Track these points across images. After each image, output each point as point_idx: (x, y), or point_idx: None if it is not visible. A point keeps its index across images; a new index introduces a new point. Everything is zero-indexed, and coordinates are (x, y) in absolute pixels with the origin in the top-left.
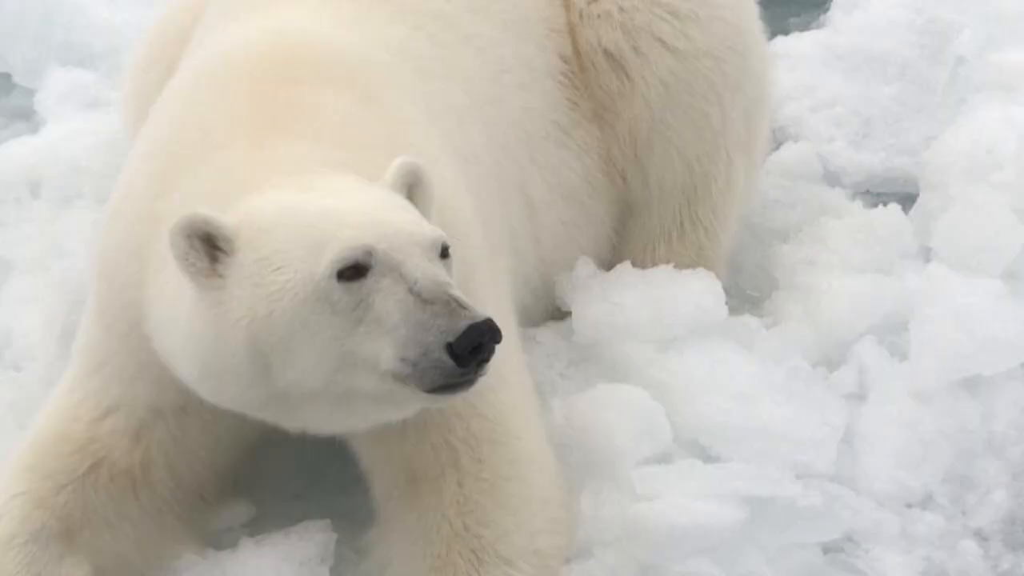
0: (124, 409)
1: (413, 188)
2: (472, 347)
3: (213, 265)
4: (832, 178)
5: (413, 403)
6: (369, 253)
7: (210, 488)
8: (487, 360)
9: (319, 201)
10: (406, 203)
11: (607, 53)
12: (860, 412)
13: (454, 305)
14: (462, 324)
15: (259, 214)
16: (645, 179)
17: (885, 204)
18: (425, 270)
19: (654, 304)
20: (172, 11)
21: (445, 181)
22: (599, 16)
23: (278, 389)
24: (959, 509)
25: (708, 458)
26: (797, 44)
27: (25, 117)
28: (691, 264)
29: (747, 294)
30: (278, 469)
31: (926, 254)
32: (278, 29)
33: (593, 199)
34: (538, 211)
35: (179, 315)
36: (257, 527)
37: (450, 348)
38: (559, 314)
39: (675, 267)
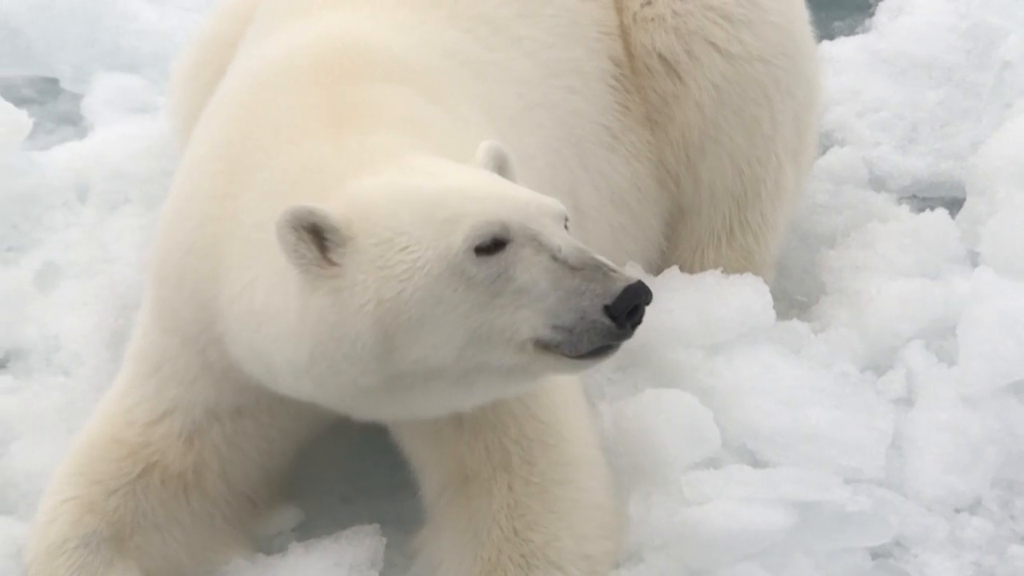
0: (180, 412)
1: (500, 171)
2: (630, 308)
3: (324, 254)
4: (878, 183)
5: (550, 371)
6: (506, 225)
7: (260, 492)
8: (640, 321)
9: (434, 181)
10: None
11: (661, 57)
12: (908, 417)
13: (605, 269)
14: (619, 286)
15: (371, 198)
16: (696, 183)
17: (932, 209)
18: (564, 238)
19: (702, 309)
20: (219, 17)
21: None
22: (652, 19)
23: (396, 371)
24: (1008, 514)
25: (757, 463)
26: (842, 49)
27: (72, 122)
28: (740, 268)
29: (794, 299)
30: (327, 474)
31: (973, 258)
32: (335, 32)
33: (642, 204)
34: (587, 216)
35: (283, 306)
36: (306, 531)
37: (607, 310)
38: None
39: (724, 271)
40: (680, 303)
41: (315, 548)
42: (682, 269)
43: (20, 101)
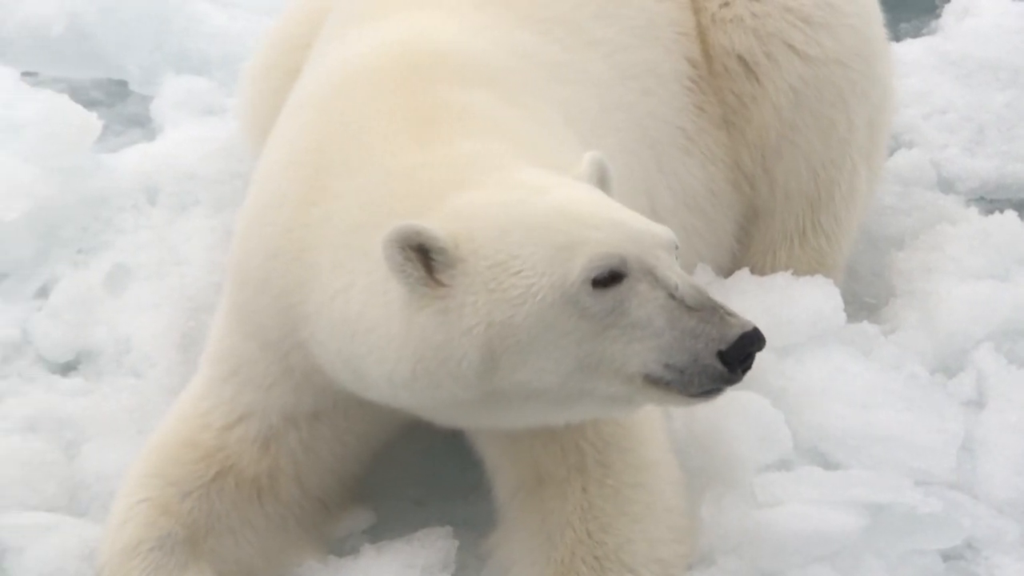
0: (256, 417)
1: (601, 184)
2: (744, 355)
3: (430, 273)
4: (946, 185)
5: (655, 404)
6: (624, 259)
7: (334, 496)
8: (750, 367)
9: (544, 199)
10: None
11: (739, 58)
12: (979, 419)
13: (722, 312)
14: (735, 332)
15: (479, 216)
16: (771, 185)
17: (1000, 211)
18: (680, 274)
19: (773, 311)
20: (289, 18)
21: None
22: (731, 21)
23: (498, 389)
24: None
25: (828, 465)
26: (909, 50)
27: (141, 124)
28: (811, 270)
29: (864, 301)
30: (399, 476)
31: None
32: (411, 35)
33: (716, 207)
34: (662, 219)
35: (383, 318)
36: (378, 534)
37: (721, 355)
38: None
39: (795, 273)
40: (751, 305)
41: (387, 550)
42: (753, 271)
43: (89, 103)
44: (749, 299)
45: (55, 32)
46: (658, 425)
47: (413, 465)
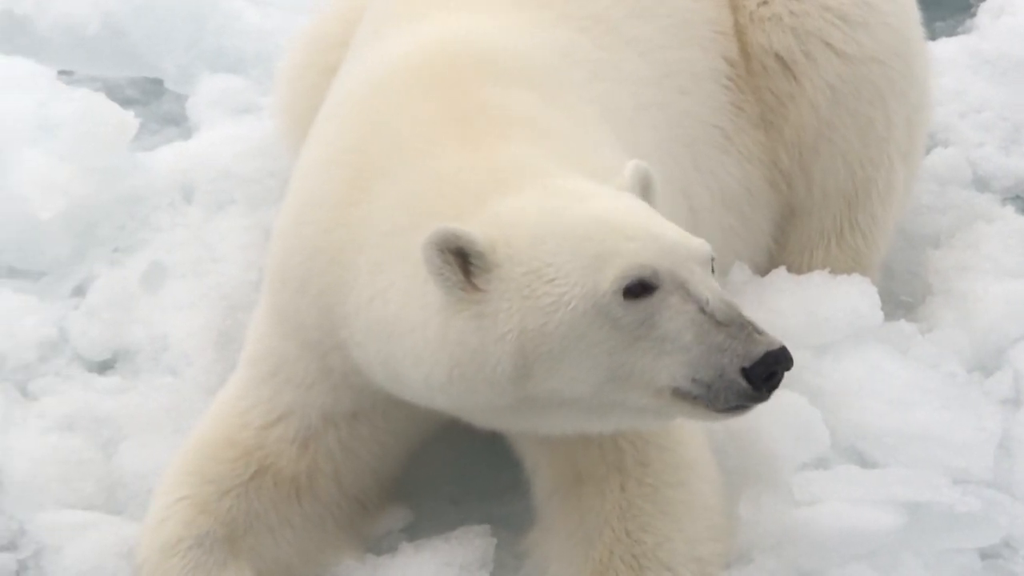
0: (296, 417)
1: (644, 192)
2: (768, 374)
3: (468, 278)
4: (981, 183)
5: (685, 417)
6: (655, 271)
7: (372, 495)
8: (777, 386)
9: (582, 207)
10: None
11: (777, 56)
12: (1016, 417)
13: (750, 329)
14: (759, 350)
15: (517, 222)
16: (809, 184)
17: None
18: (713, 289)
19: (810, 309)
20: (325, 17)
21: None
22: (769, 19)
23: (531, 396)
24: None
25: (866, 463)
26: (944, 49)
27: (176, 123)
28: (848, 269)
29: (900, 299)
30: (436, 475)
31: None
32: (450, 34)
33: (752, 206)
34: (699, 217)
35: (421, 321)
36: (416, 532)
37: (744, 372)
38: None
39: (832, 272)
40: (788, 303)
41: (425, 548)
42: (790, 270)
43: (124, 102)
44: (786, 298)
45: (90, 31)
46: (697, 424)
47: (451, 464)
